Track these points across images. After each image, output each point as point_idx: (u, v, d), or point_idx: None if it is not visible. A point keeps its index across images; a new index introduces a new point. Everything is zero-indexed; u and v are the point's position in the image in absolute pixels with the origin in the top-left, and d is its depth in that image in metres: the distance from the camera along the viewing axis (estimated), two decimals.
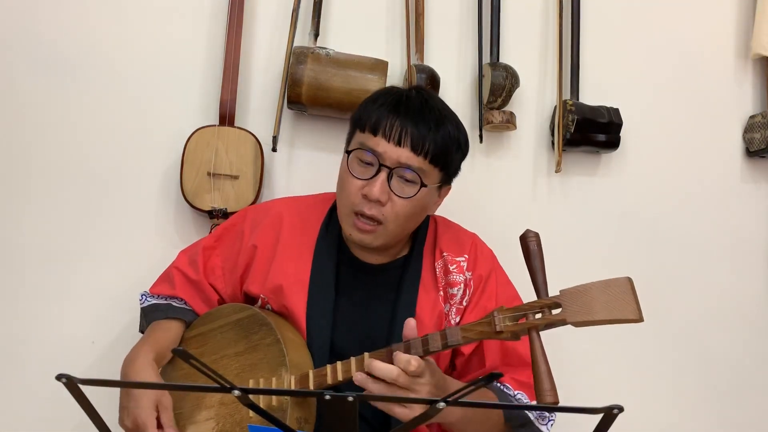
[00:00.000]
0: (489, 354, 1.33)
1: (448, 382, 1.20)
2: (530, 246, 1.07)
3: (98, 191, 1.65)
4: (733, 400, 1.85)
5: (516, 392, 1.29)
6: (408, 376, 1.08)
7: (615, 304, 0.98)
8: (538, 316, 1.03)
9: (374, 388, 1.09)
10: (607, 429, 0.77)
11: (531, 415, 1.28)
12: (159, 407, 1.23)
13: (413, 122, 1.24)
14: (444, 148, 1.27)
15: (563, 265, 1.42)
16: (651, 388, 1.81)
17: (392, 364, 1.09)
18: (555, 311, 1.03)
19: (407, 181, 1.26)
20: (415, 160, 1.25)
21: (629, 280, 0.99)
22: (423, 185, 1.26)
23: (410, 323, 1.14)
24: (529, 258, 1.07)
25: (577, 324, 1.01)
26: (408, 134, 1.24)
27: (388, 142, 1.24)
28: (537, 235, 1.08)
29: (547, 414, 1.31)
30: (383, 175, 1.25)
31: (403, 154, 1.24)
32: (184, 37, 1.68)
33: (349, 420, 0.79)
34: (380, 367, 1.08)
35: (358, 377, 1.11)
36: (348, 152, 1.28)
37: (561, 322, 1.01)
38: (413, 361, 1.07)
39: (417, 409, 1.08)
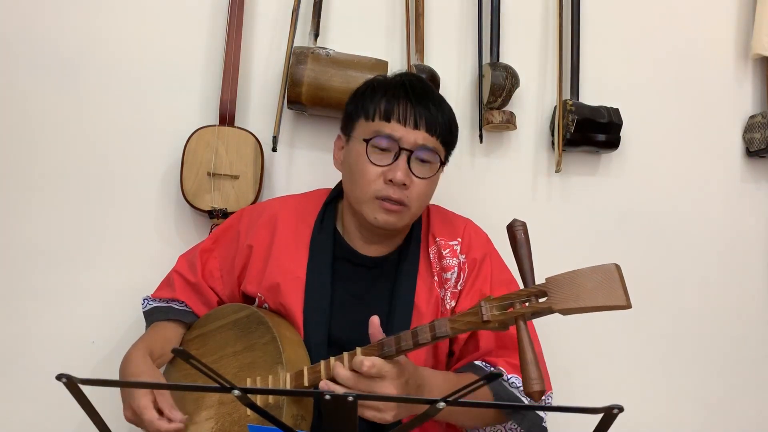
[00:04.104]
0: (483, 337, 1.33)
1: (426, 379, 1.20)
2: (517, 235, 1.07)
3: (98, 191, 1.65)
4: (733, 399, 1.85)
5: (510, 376, 1.29)
6: (366, 379, 1.09)
7: (602, 290, 0.96)
8: (526, 304, 1.03)
9: (339, 390, 1.10)
10: (607, 429, 0.77)
11: (525, 400, 1.28)
12: (154, 392, 1.24)
13: (423, 105, 1.29)
14: (449, 128, 1.33)
15: (563, 265, 1.42)
16: (650, 388, 1.81)
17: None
18: (542, 299, 1.02)
19: (424, 161, 1.30)
20: (431, 141, 1.30)
21: (617, 266, 0.98)
22: (442, 162, 1.33)
23: (374, 321, 1.15)
24: (516, 247, 1.07)
25: (563, 311, 0.99)
26: (422, 117, 1.28)
27: (405, 126, 1.28)
28: (524, 224, 1.09)
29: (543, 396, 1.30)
30: (404, 158, 1.28)
31: (420, 136, 1.28)
32: (184, 37, 1.68)
33: (348, 420, 0.79)
34: (340, 373, 1.10)
35: (322, 386, 1.12)
36: (367, 141, 1.29)
37: (547, 310, 1.00)
38: (366, 362, 1.09)
39: (388, 413, 1.10)
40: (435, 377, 1.23)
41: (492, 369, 1.30)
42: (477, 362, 1.32)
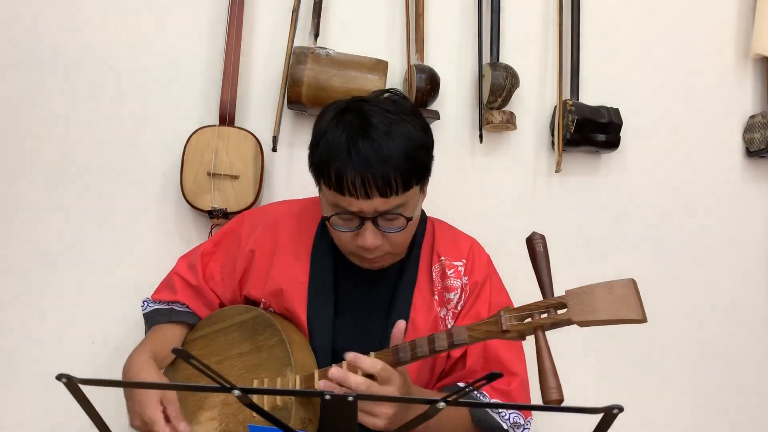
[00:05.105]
0: (470, 356, 1.33)
1: (422, 393, 1.23)
2: (536, 248, 1.09)
3: (98, 191, 1.65)
4: (733, 400, 1.85)
5: (492, 400, 1.30)
6: (377, 385, 1.10)
7: (619, 304, 1.00)
8: (544, 315, 1.05)
9: (340, 390, 1.10)
10: (607, 429, 0.78)
11: (505, 424, 1.29)
12: (163, 401, 1.23)
13: (371, 167, 1.17)
14: (411, 166, 1.21)
15: (563, 265, 1.42)
16: (651, 388, 1.81)
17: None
18: (560, 311, 1.05)
19: (391, 219, 1.23)
20: (391, 202, 1.20)
21: (633, 281, 1.02)
22: (408, 219, 1.24)
23: (400, 325, 1.15)
24: (536, 259, 1.09)
25: (582, 324, 1.03)
26: (372, 184, 1.17)
27: (358, 198, 1.18)
28: (543, 237, 1.10)
29: (522, 422, 1.31)
30: (368, 224, 1.22)
31: (376, 202, 1.19)
32: (184, 37, 1.68)
33: (349, 420, 0.80)
34: (351, 379, 1.10)
35: (321, 386, 1.12)
36: (327, 218, 1.24)
37: (566, 321, 1.03)
38: (377, 365, 1.10)
39: (381, 419, 1.10)
40: (427, 392, 1.27)
41: (476, 392, 1.29)
42: (461, 384, 1.33)
